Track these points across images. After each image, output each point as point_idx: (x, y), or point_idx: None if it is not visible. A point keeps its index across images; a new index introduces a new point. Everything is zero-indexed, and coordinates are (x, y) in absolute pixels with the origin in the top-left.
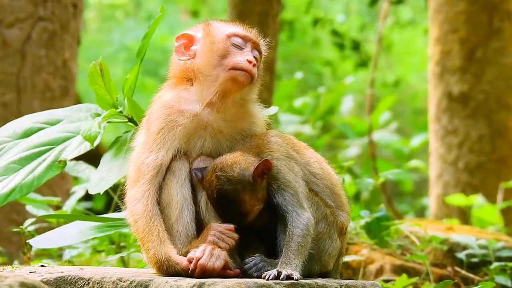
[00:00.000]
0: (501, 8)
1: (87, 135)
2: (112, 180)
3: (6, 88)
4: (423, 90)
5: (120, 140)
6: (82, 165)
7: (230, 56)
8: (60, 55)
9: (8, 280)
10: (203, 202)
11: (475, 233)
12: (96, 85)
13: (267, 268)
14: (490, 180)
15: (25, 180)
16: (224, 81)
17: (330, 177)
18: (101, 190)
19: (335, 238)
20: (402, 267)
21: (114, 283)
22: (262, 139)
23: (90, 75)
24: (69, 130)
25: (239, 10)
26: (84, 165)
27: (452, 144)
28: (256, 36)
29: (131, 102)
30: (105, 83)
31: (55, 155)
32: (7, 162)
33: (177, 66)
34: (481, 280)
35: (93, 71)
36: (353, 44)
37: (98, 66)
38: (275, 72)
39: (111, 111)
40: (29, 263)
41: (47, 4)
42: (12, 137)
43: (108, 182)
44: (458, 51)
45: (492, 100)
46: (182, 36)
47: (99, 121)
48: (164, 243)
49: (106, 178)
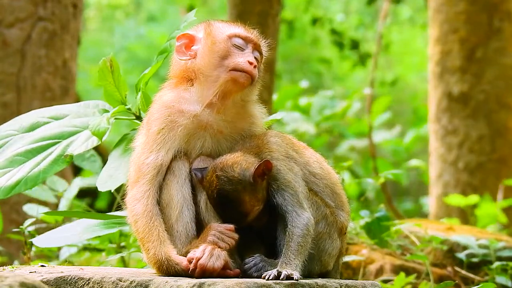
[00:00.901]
0: (501, 8)
1: (96, 130)
2: (121, 178)
3: (6, 88)
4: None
5: (128, 137)
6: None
7: (231, 57)
8: (60, 55)
9: (8, 280)
10: (203, 202)
11: (475, 233)
12: (105, 81)
13: (267, 268)
14: (490, 180)
15: (31, 174)
16: (225, 82)
17: (330, 177)
18: (110, 187)
19: (335, 238)
20: (402, 267)
21: (114, 283)
22: (261, 139)
23: (100, 71)
24: (75, 125)
25: (239, 10)
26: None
27: (452, 144)
28: (257, 37)
29: (145, 97)
30: (114, 80)
31: (62, 149)
32: (13, 154)
33: (177, 66)
34: (481, 280)
35: (103, 67)
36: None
37: (109, 62)
38: (275, 72)
39: (120, 107)
40: (29, 263)
41: (47, 4)
42: (19, 130)
43: (117, 180)
44: (458, 51)
45: (492, 100)
46: (183, 36)
47: (108, 116)
48: (164, 243)
49: (114, 176)
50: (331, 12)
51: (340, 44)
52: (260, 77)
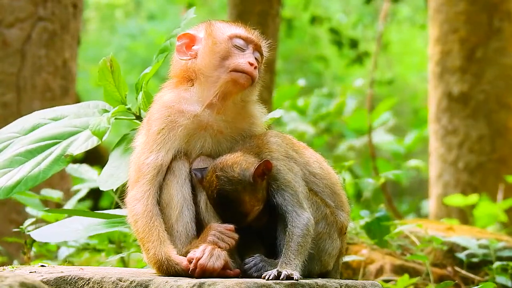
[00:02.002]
0: (501, 8)
1: (96, 130)
2: (122, 177)
3: (6, 88)
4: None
5: (128, 137)
6: (85, 167)
7: (232, 57)
8: (60, 55)
9: (8, 280)
10: (203, 202)
11: (475, 233)
12: (105, 81)
13: (267, 268)
14: (490, 180)
15: (31, 173)
16: (225, 83)
17: (330, 177)
18: (112, 186)
19: (335, 238)
20: (402, 267)
21: (114, 283)
22: (261, 139)
23: (100, 71)
24: (75, 125)
25: (239, 10)
26: (87, 167)
27: (452, 144)
28: (258, 38)
29: (147, 96)
30: (114, 80)
31: (62, 149)
32: (13, 154)
33: (178, 66)
34: (481, 280)
35: (103, 67)
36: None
37: (109, 62)
38: (275, 72)
39: (120, 107)
40: (29, 263)
41: (47, 4)
42: (20, 132)
43: (119, 179)
44: (458, 51)
45: (492, 100)
46: (184, 35)
47: (108, 116)
48: (164, 243)
49: (116, 175)
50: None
51: (338, 43)
52: (261, 77)
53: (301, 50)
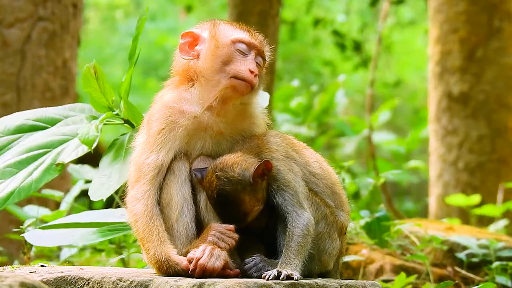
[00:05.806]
0: (501, 8)
1: (85, 138)
2: (113, 186)
3: (6, 88)
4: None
5: (117, 142)
6: (87, 167)
7: (233, 63)
8: (60, 55)
9: (8, 280)
10: (203, 202)
11: (475, 233)
12: (90, 88)
13: (267, 268)
14: (490, 180)
15: (23, 184)
16: (225, 88)
17: (330, 177)
18: (102, 196)
19: (335, 238)
20: (402, 267)
21: (114, 283)
22: (261, 139)
23: (85, 78)
24: (64, 133)
25: (239, 10)
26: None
27: (452, 144)
28: (261, 43)
29: (127, 105)
30: (99, 86)
31: (52, 158)
32: (3, 166)
33: (180, 64)
34: (481, 280)
35: (87, 73)
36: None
37: (92, 68)
38: (275, 72)
39: (107, 114)
40: (29, 263)
41: (47, 4)
42: (4, 132)
43: (109, 188)
44: (458, 51)
45: (492, 100)
46: (188, 34)
47: (96, 124)
48: (164, 243)
49: (106, 184)
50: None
51: (342, 46)
52: (262, 81)
53: (302, 51)
